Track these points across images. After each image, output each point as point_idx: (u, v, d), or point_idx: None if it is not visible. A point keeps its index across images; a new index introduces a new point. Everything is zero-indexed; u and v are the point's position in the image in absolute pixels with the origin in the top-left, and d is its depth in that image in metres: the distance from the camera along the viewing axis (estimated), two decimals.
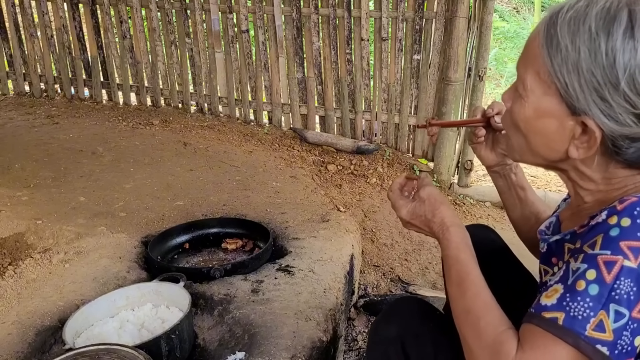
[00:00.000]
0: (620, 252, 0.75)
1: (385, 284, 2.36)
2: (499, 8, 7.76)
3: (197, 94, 3.84)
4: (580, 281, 0.76)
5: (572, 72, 0.79)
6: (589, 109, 0.79)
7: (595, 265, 0.76)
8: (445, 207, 1.02)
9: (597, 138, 0.80)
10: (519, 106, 0.87)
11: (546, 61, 0.81)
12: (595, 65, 0.77)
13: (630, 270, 0.74)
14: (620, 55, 0.75)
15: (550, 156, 0.88)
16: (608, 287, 0.74)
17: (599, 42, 0.76)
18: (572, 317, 0.75)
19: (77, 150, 3.05)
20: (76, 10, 3.87)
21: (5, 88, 4.16)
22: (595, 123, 0.79)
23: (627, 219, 0.76)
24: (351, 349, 1.92)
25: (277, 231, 2.13)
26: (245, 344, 1.44)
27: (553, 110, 0.83)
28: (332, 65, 3.47)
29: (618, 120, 0.78)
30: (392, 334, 1.04)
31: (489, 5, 3.05)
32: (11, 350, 1.40)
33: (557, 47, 0.80)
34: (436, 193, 1.04)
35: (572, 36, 0.79)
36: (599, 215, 0.80)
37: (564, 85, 0.80)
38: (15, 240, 1.97)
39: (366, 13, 3.32)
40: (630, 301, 0.74)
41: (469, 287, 0.91)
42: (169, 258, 1.97)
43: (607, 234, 0.77)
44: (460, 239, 0.98)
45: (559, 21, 0.80)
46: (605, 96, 0.77)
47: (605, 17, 0.77)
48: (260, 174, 2.92)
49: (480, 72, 3.16)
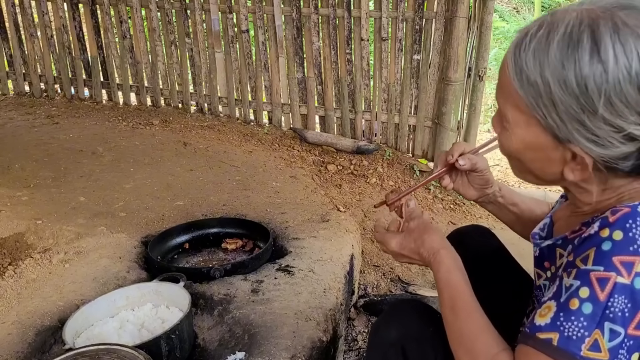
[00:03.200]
0: (613, 268, 0.73)
1: (385, 284, 2.36)
2: (499, 8, 7.76)
3: (197, 94, 3.84)
4: (574, 299, 0.75)
5: (548, 104, 0.77)
6: (573, 138, 0.77)
7: (588, 282, 0.74)
8: (434, 232, 1.03)
9: (588, 163, 0.79)
10: (506, 138, 0.86)
11: (521, 95, 0.79)
12: (568, 95, 0.75)
13: (623, 286, 0.73)
14: (591, 81, 0.73)
15: (548, 178, 0.87)
16: (602, 305, 0.73)
17: (566, 72, 0.74)
18: (567, 337, 0.74)
19: (77, 150, 3.05)
20: (76, 10, 3.87)
21: (5, 88, 4.16)
22: (582, 150, 0.78)
23: (619, 232, 0.75)
24: (351, 349, 1.92)
25: (277, 231, 2.13)
26: (245, 344, 1.44)
27: (539, 141, 0.81)
28: (332, 65, 3.47)
29: (604, 144, 0.76)
30: (392, 337, 1.03)
31: (489, 5, 3.05)
32: (11, 350, 1.40)
33: (528, 82, 0.78)
34: (425, 222, 1.06)
35: (539, 69, 0.76)
36: (591, 226, 0.79)
37: (543, 117, 0.78)
38: (15, 240, 1.97)
39: (366, 13, 3.32)
40: (625, 318, 0.73)
41: (462, 310, 0.91)
42: (169, 258, 1.97)
43: (599, 248, 0.75)
44: (450, 262, 0.98)
45: (524, 54, 0.78)
46: (586, 123, 0.75)
47: (568, 44, 0.74)
48: (260, 174, 2.92)
49: (480, 72, 3.16)
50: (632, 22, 0.72)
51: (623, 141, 0.75)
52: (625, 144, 0.75)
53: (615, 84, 0.72)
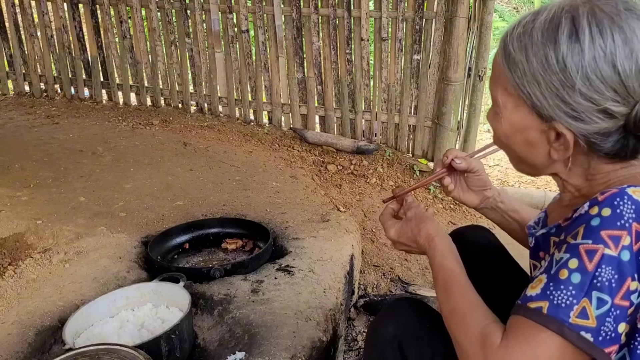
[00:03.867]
0: (601, 241, 0.76)
1: (385, 284, 2.37)
2: (499, 8, 7.76)
3: (197, 94, 3.84)
4: (563, 270, 0.78)
5: (532, 82, 0.84)
6: (555, 114, 0.83)
7: (577, 254, 0.78)
8: (430, 221, 1.09)
9: (570, 140, 0.84)
10: (497, 123, 0.92)
11: (509, 76, 0.86)
12: (550, 72, 0.81)
13: (611, 258, 0.75)
14: (569, 59, 0.80)
15: (537, 162, 0.92)
16: (590, 275, 0.76)
17: (547, 51, 0.81)
18: (556, 305, 0.76)
19: (77, 150, 3.05)
20: (76, 10, 3.87)
21: (5, 88, 4.16)
22: (564, 126, 0.83)
23: (607, 209, 0.78)
24: (351, 349, 1.92)
25: (277, 231, 2.13)
26: (245, 344, 1.44)
27: (526, 121, 0.87)
28: (332, 65, 3.47)
29: (584, 119, 0.82)
30: (389, 335, 1.05)
31: (489, 5, 3.05)
32: (11, 350, 1.40)
33: (514, 62, 0.85)
34: (421, 211, 1.12)
35: (524, 50, 0.84)
36: (582, 207, 0.82)
37: (528, 96, 0.85)
38: (15, 240, 1.97)
39: (366, 13, 3.32)
40: (612, 288, 0.75)
41: (455, 290, 0.95)
42: (169, 258, 1.97)
43: (588, 224, 0.79)
44: (444, 247, 1.03)
45: (512, 38, 0.86)
46: (566, 99, 0.81)
47: (549, 27, 0.82)
48: (260, 174, 2.91)
49: (480, 72, 3.16)
50: (608, 9, 0.80)
51: (601, 117, 0.81)
52: (604, 120, 0.81)
53: (590, 61, 0.79)
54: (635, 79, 0.79)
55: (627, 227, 0.76)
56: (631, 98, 0.80)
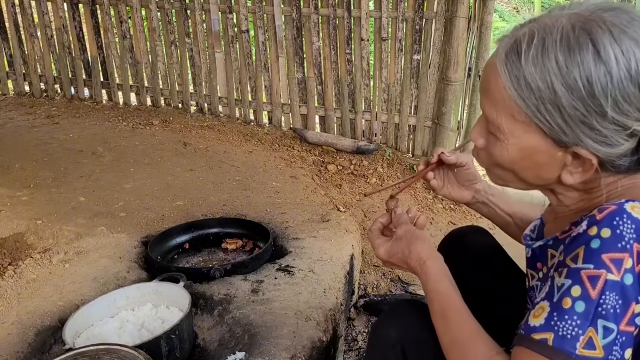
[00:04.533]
0: (603, 265, 0.74)
1: (385, 284, 2.36)
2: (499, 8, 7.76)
3: (197, 94, 3.84)
4: (566, 298, 0.75)
5: (553, 110, 0.77)
6: (579, 140, 0.78)
7: (579, 280, 0.75)
8: (421, 242, 1.02)
9: (594, 164, 0.79)
10: (499, 149, 0.85)
11: (519, 103, 0.79)
12: (575, 99, 0.75)
13: (614, 283, 0.73)
14: (597, 82, 0.74)
15: (540, 183, 0.88)
16: (594, 303, 0.73)
17: (572, 75, 0.74)
18: (562, 336, 0.74)
19: (77, 150, 3.04)
20: (76, 10, 3.87)
21: (5, 88, 4.16)
22: (589, 151, 0.78)
23: (607, 230, 0.75)
24: (351, 349, 1.92)
25: (277, 231, 2.13)
26: (245, 344, 1.44)
27: (539, 146, 0.81)
28: (332, 65, 3.47)
29: (611, 143, 0.77)
30: (391, 338, 1.03)
31: (489, 5, 3.05)
32: (11, 350, 1.40)
33: (528, 87, 0.78)
34: (412, 230, 1.05)
35: (540, 74, 0.76)
36: (580, 224, 0.79)
37: (546, 124, 0.78)
38: (15, 240, 1.97)
39: (366, 13, 3.32)
40: (617, 315, 0.73)
41: (454, 318, 0.91)
42: (169, 258, 1.97)
43: (588, 246, 0.76)
44: (437, 271, 0.98)
45: (521, 60, 0.78)
46: (594, 125, 0.76)
47: (568, 47, 0.75)
48: (260, 174, 2.91)
49: (480, 72, 3.16)
50: (620, 23, 0.75)
51: (627, 138, 0.77)
52: (629, 141, 0.77)
53: (618, 83, 0.73)
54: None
55: (629, 249, 0.73)
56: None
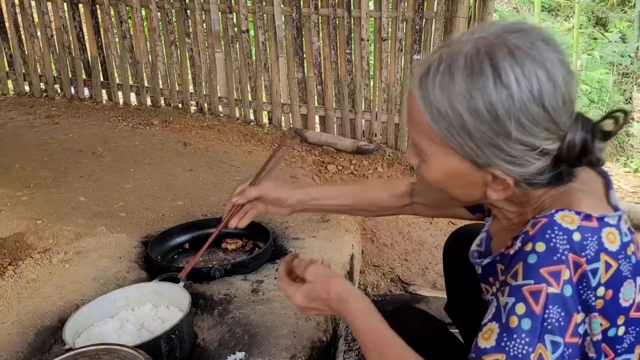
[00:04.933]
0: (543, 279, 0.75)
1: (385, 284, 2.36)
2: (499, 8, 7.75)
3: (197, 94, 3.84)
4: (513, 317, 0.76)
5: (463, 134, 0.78)
6: (491, 162, 0.79)
7: (522, 297, 0.76)
8: (337, 280, 0.99)
9: (510, 183, 0.81)
10: (426, 170, 0.87)
11: (433, 127, 0.80)
12: (481, 123, 0.77)
13: (555, 296, 0.75)
14: (499, 106, 0.75)
15: (471, 199, 0.90)
16: (539, 318, 0.74)
17: (475, 102, 0.76)
18: (513, 356, 0.74)
19: (77, 150, 3.04)
20: (76, 10, 3.87)
21: (5, 88, 4.16)
22: (502, 172, 0.80)
23: (541, 244, 0.76)
24: (351, 349, 1.92)
25: (277, 231, 2.13)
26: (245, 344, 1.44)
27: (459, 168, 0.83)
28: (332, 65, 3.47)
29: (522, 163, 0.79)
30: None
31: (489, 5, 3.05)
32: (11, 350, 1.40)
33: (439, 114, 0.79)
34: (322, 270, 1.02)
35: (448, 102, 0.78)
36: (515, 242, 0.81)
37: (459, 147, 0.80)
38: (15, 240, 1.97)
39: (366, 13, 3.32)
40: (562, 327, 0.75)
41: (390, 353, 0.89)
42: (169, 258, 1.97)
43: (525, 262, 0.77)
44: (363, 308, 0.95)
45: (431, 88, 0.79)
46: (502, 147, 0.78)
47: (471, 74, 0.76)
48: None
49: None
50: (524, 45, 0.76)
51: (538, 157, 0.79)
52: (540, 159, 0.79)
53: (521, 105, 0.75)
54: (563, 112, 0.77)
55: (564, 260, 0.75)
56: (562, 131, 0.78)
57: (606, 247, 0.77)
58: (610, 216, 0.80)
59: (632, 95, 7.04)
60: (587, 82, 6.83)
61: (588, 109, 6.70)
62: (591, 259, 0.76)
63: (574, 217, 0.77)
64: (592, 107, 6.73)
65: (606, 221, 0.79)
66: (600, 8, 8.24)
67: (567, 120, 0.78)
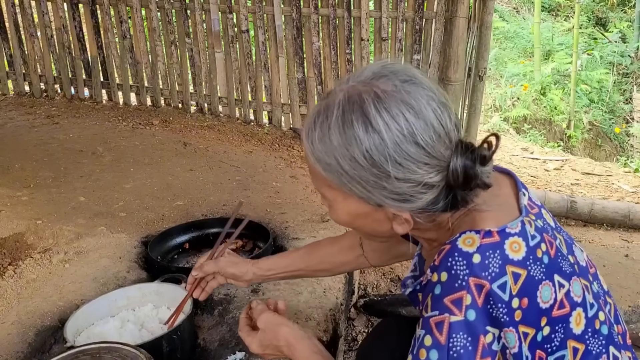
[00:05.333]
0: (446, 309, 0.78)
1: (385, 284, 2.36)
2: (499, 8, 7.75)
3: (197, 94, 3.84)
4: (422, 350, 0.80)
5: (350, 181, 0.82)
6: (382, 201, 0.82)
7: (429, 329, 0.79)
8: (285, 327, 1.06)
9: (407, 217, 0.84)
10: (334, 214, 0.91)
11: (326, 176, 0.84)
12: (362, 169, 0.80)
13: (458, 324, 0.77)
14: (374, 151, 0.78)
15: (386, 235, 0.92)
16: (445, 348, 0.77)
17: (352, 150, 0.79)
18: None
19: (77, 150, 3.04)
20: (76, 10, 3.87)
21: (5, 88, 4.16)
22: (395, 209, 0.83)
23: (444, 274, 0.80)
24: (351, 349, 1.92)
25: (277, 231, 2.13)
26: None
27: (360, 209, 0.86)
28: (332, 65, 3.47)
29: (410, 199, 0.81)
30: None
31: (489, 5, 3.05)
32: (11, 350, 1.40)
33: (327, 164, 0.83)
34: (271, 317, 1.08)
35: (330, 154, 0.81)
36: (427, 272, 0.85)
37: (352, 192, 0.83)
38: (15, 240, 1.97)
39: (366, 13, 3.32)
40: (469, 352, 0.77)
41: None
42: (169, 258, 1.97)
43: (433, 294, 0.81)
44: (310, 351, 1.01)
45: (315, 142, 0.83)
46: (386, 187, 0.80)
47: (343, 126, 0.79)
48: (260, 174, 2.92)
49: (480, 72, 3.16)
50: (388, 88, 0.79)
51: (424, 191, 0.81)
52: (428, 192, 0.81)
53: (394, 146, 0.78)
54: (439, 145, 0.79)
55: (465, 286, 0.78)
56: (443, 162, 0.80)
57: (511, 259, 0.80)
58: (511, 225, 0.82)
59: (632, 95, 7.04)
60: (587, 82, 6.83)
61: (588, 108, 6.71)
62: (495, 275, 0.78)
63: (475, 237, 0.80)
64: (592, 107, 6.73)
65: (507, 232, 0.81)
66: (600, 8, 8.24)
67: (446, 152, 0.80)
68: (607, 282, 1.04)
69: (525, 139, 5.78)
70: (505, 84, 6.65)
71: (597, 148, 6.53)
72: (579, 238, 3.19)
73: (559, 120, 6.37)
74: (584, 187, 4.12)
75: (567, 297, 0.84)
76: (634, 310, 2.15)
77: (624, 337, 0.97)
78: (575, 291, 0.85)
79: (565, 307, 0.84)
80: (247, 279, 1.32)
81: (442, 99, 0.81)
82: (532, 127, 6.13)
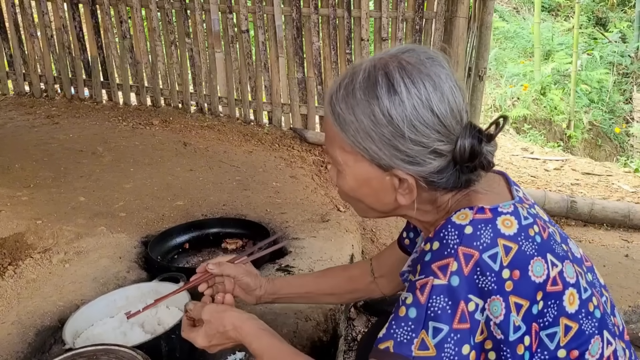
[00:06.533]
0: (431, 273, 0.83)
1: None
2: (499, 8, 7.75)
3: (197, 94, 3.84)
4: (402, 307, 0.85)
5: (366, 138, 0.88)
6: (393, 163, 0.89)
7: (413, 290, 0.85)
8: (229, 311, 1.09)
9: (412, 183, 0.90)
10: (341, 180, 0.97)
11: (342, 136, 0.91)
12: (379, 126, 0.87)
13: (440, 287, 0.82)
14: (393, 111, 0.86)
15: (386, 208, 0.97)
16: (423, 307, 0.82)
17: (372, 107, 0.87)
18: (399, 342, 0.83)
19: (77, 150, 3.04)
20: (76, 10, 3.87)
21: (5, 88, 4.16)
22: (403, 172, 0.89)
23: (436, 243, 0.85)
24: (351, 349, 1.92)
25: (277, 231, 2.13)
26: None
27: (369, 173, 0.92)
28: (332, 65, 3.47)
29: (419, 162, 0.88)
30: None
31: (489, 5, 3.05)
32: (11, 350, 1.40)
33: (345, 122, 0.89)
34: (215, 307, 1.11)
35: (351, 110, 0.88)
36: (421, 246, 0.89)
37: (365, 151, 0.90)
38: (15, 240, 1.97)
39: (366, 13, 3.32)
40: (448, 315, 0.81)
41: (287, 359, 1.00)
42: (169, 258, 1.97)
43: (423, 260, 0.86)
44: (255, 329, 1.06)
45: (337, 100, 0.90)
46: (399, 147, 0.87)
47: (368, 86, 0.87)
48: (260, 174, 2.91)
49: (480, 72, 3.16)
50: (412, 60, 0.88)
51: (433, 157, 0.88)
52: (436, 160, 0.88)
53: (412, 109, 0.86)
54: (451, 118, 0.87)
55: (453, 254, 0.82)
56: (452, 135, 0.87)
57: (503, 233, 0.84)
58: (504, 205, 0.88)
59: (632, 95, 7.04)
60: (587, 82, 6.83)
61: (588, 108, 6.70)
62: (487, 246, 0.83)
63: (468, 213, 0.86)
64: (592, 107, 6.73)
65: (500, 210, 0.87)
66: (600, 8, 8.24)
67: (457, 126, 0.88)
68: (607, 282, 1.05)
69: (525, 139, 5.78)
70: (505, 84, 6.65)
71: (597, 148, 6.53)
72: (579, 238, 3.19)
73: (559, 120, 6.37)
74: (584, 187, 4.12)
75: (560, 277, 0.87)
76: (634, 310, 2.16)
77: (621, 330, 0.98)
78: (569, 273, 0.89)
79: (558, 285, 0.87)
80: (257, 295, 1.32)
81: (458, 81, 0.90)
82: (532, 127, 6.13)
